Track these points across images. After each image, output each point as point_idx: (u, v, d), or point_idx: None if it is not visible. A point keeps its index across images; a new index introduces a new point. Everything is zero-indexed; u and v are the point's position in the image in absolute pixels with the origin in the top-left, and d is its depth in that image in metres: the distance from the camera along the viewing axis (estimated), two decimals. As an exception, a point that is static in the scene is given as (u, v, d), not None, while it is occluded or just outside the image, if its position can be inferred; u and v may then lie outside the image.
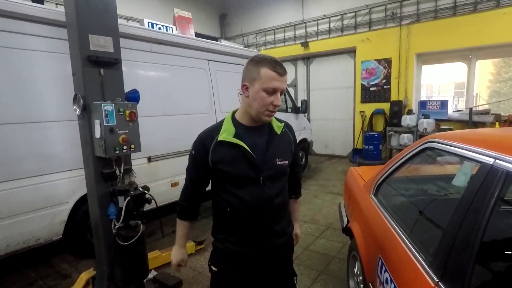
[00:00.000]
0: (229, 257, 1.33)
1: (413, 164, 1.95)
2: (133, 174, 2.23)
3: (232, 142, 1.22)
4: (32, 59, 2.66)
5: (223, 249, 1.34)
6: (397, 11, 7.15)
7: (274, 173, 1.29)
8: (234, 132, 1.24)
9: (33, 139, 2.67)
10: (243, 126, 1.28)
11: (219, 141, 1.23)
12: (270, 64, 1.17)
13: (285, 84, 1.21)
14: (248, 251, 1.31)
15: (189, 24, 4.86)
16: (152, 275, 2.73)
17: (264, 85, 1.17)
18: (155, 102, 3.56)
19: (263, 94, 1.18)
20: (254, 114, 1.23)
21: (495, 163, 1.06)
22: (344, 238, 3.23)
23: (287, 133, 1.39)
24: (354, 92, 8.14)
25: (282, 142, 1.35)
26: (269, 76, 1.16)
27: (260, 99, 1.19)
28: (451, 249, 1.07)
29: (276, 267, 1.39)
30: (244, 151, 1.23)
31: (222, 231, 1.35)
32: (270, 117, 1.25)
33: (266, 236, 1.31)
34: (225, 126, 1.27)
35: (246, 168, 1.23)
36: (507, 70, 10.87)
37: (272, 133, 1.32)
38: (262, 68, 1.17)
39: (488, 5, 6.11)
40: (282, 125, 1.36)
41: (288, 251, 1.48)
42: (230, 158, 1.23)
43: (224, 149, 1.23)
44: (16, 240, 2.62)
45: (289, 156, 1.36)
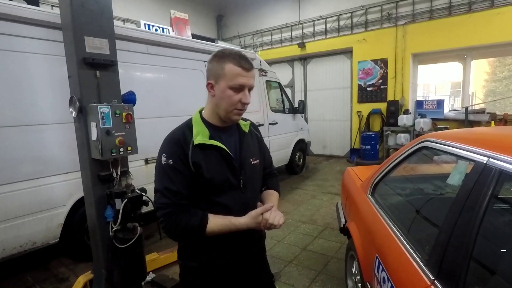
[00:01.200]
0: (209, 273, 1.20)
1: (409, 164, 1.96)
2: (130, 176, 2.22)
3: (211, 144, 1.12)
4: (27, 61, 2.65)
5: (199, 268, 1.20)
6: (392, 11, 7.20)
7: (251, 174, 1.22)
8: (209, 133, 1.14)
9: (29, 142, 2.65)
10: (213, 126, 1.18)
11: (195, 145, 1.11)
12: (235, 59, 1.08)
13: (252, 79, 1.12)
14: (230, 262, 1.21)
15: (185, 26, 4.86)
16: (150, 278, 2.72)
17: (230, 82, 1.08)
18: (152, 104, 3.55)
19: (229, 92, 1.09)
20: (222, 114, 1.14)
21: (488, 161, 1.07)
22: (342, 238, 3.24)
23: (253, 130, 1.33)
24: (351, 92, 8.17)
25: (251, 141, 1.29)
26: (235, 72, 1.07)
27: (227, 98, 1.09)
28: (446, 247, 1.07)
29: (255, 273, 1.33)
30: (224, 154, 1.14)
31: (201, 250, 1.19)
32: (240, 116, 1.16)
33: (247, 244, 1.24)
34: (197, 127, 1.14)
35: (226, 171, 1.15)
36: (502, 69, 10.95)
37: (241, 132, 1.25)
38: (226, 64, 1.08)
39: (482, 5, 6.16)
40: (247, 123, 1.29)
41: (264, 254, 1.42)
42: (212, 162, 1.12)
43: (203, 153, 1.11)
44: (13, 244, 2.61)
45: (259, 155, 1.30)
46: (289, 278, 2.81)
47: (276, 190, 1.40)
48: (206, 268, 1.20)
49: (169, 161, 1.10)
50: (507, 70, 10.58)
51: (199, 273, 1.21)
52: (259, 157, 1.30)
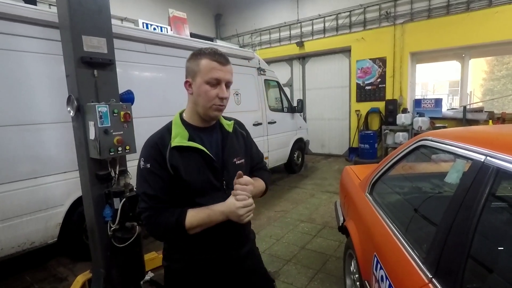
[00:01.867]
0: (193, 276, 1.18)
1: (407, 162, 1.96)
2: (129, 176, 2.22)
3: (189, 146, 1.10)
4: (25, 60, 2.64)
5: (184, 268, 1.18)
6: (391, 10, 7.20)
7: (235, 174, 1.15)
8: (188, 135, 1.13)
9: (27, 141, 2.64)
10: (194, 127, 1.17)
11: (173, 147, 1.09)
12: (210, 55, 1.09)
13: (229, 74, 1.11)
14: (217, 263, 1.19)
15: (184, 25, 4.85)
16: (149, 277, 2.72)
17: (206, 77, 1.08)
18: (150, 103, 3.54)
19: (206, 87, 1.08)
20: (202, 111, 1.13)
21: (486, 160, 1.07)
22: (341, 237, 3.25)
23: (238, 129, 1.30)
24: (349, 91, 8.18)
25: (236, 140, 1.26)
26: (210, 66, 1.08)
27: (204, 93, 1.09)
28: (444, 245, 1.08)
29: (249, 277, 1.29)
30: (203, 155, 1.12)
31: (184, 249, 1.18)
32: (219, 111, 1.14)
33: (231, 246, 1.21)
34: (176, 129, 1.13)
35: (207, 173, 1.13)
36: (500, 68, 10.99)
37: (224, 132, 1.22)
38: (201, 60, 1.09)
39: (480, 4, 6.17)
40: (231, 122, 1.27)
41: (258, 260, 1.38)
42: (189, 165, 1.10)
43: (181, 156, 1.10)
44: (11, 244, 2.60)
45: (244, 154, 1.28)
46: (288, 277, 2.82)
47: (262, 180, 1.33)
48: (190, 269, 1.19)
49: (147, 165, 1.09)
50: (505, 69, 10.61)
51: (183, 275, 1.19)
52: (244, 156, 1.27)
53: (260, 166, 1.40)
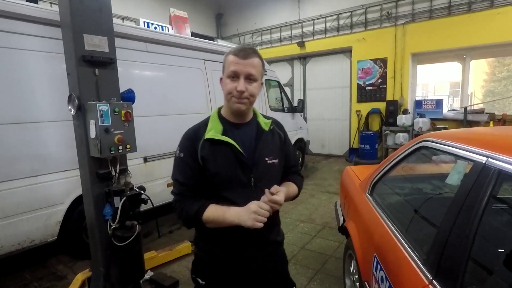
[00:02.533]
0: (217, 268, 1.23)
1: (408, 163, 1.96)
2: (129, 174, 2.22)
3: (221, 139, 1.14)
4: (26, 59, 2.64)
5: (209, 259, 1.23)
6: (392, 11, 7.19)
7: (265, 173, 1.19)
8: (222, 129, 1.17)
9: (27, 139, 2.64)
10: (229, 122, 1.20)
11: (206, 139, 1.14)
12: (234, 51, 1.14)
13: (249, 67, 1.11)
14: (237, 261, 1.21)
15: (185, 24, 4.85)
16: (149, 276, 2.73)
17: (226, 71, 1.14)
18: (151, 102, 3.54)
19: (227, 80, 1.14)
20: (229, 106, 1.17)
21: (487, 161, 1.07)
22: (341, 237, 3.25)
23: (276, 129, 1.30)
24: (350, 91, 8.18)
25: (271, 139, 1.26)
26: (230, 61, 1.13)
27: (225, 86, 1.15)
28: (445, 247, 1.08)
29: (271, 278, 1.29)
30: (234, 149, 1.14)
31: (208, 240, 1.23)
32: (240, 104, 1.14)
33: (255, 244, 1.21)
34: (212, 123, 1.18)
35: (236, 168, 1.15)
36: (502, 69, 10.97)
37: (259, 130, 1.23)
38: (227, 56, 1.15)
39: (482, 5, 6.16)
40: (269, 121, 1.28)
41: (281, 262, 1.37)
42: (218, 158, 1.14)
43: (212, 148, 1.14)
44: (11, 242, 2.60)
45: (279, 154, 1.27)
46: (288, 277, 2.82)
47: (298, 187, 1.36)
48: (214, 261, 1.23)
49: (180, 154, 1.18)
50: (506, 70, 10.61)
51: (208, 265, 1.24)
52: (279, 157, 1.26)
53: (295, 170, 1.41)
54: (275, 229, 1.32)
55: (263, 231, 1.17)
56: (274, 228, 1.31)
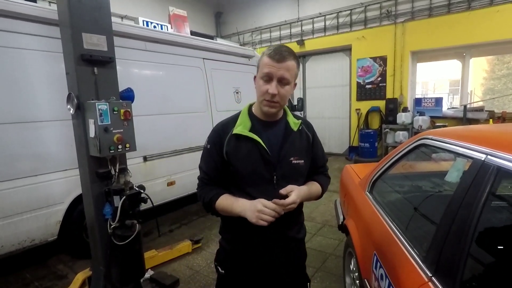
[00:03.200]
0: (237, 259, 1.27)
1: (408, 161, 1.96)
2: (129, 174, 2.22)
3: (248, 136, 1.17)
4: (25, 58, 2.64)
5: (230, 250, 1.29)
6: (392, 9, 7.18)
7: (289, 172, 1.21)
8: (250, 125, 1.20)
9: (27, 139, 2.64)
10: (259, 120, 1.23)
11: (233, 134, 1.18)
12: (269, 52, 1.14)
13: (283, 71, 1.12)
14: (255, 254, 1.24)
15: (184, 23, 4.83)
16: (149, 275, 2.73)
17: (260, 73, 1.15)
18: (150, 101, 3.54)
19: (260, 82, 1.15)
20: (259, 105, 1.21)
21: (486, 159, 1.07)
22: (341, 235, 3.25)
23: (304, 130, 1.30)
24: (350, 90, 8.17)
25: (299, 140, 1.26)
26: (264, 62, 1.14)
27: (258, 88, 1.17)
28: (444, 244, 1.08)
29: (287, 272, 1.31)
30: (259, 146, 1.17)
31: (230, 231, 1.29)
32: (271, 108, 1.16)
33: (276, 240, 1.24)
34: (241, 119, 1.22)
35: (260, 165, 1.17)
36: (501, 67, 10.96)
37: (288, 130, 1.24)
38: (263, 57, 1.16)
39: (481, 2, 6.15)
40: (299, 122, 1.28)
41: (300, 257, 1.40)
42: (244, 153, 1.17)
43: (238, 143, 1.18)
44: (11, 241, 2.61)
45: (305, 155, 1.27)
46: (288, 275, 2.82)
47: (323, 187, 1.40)
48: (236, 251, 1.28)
49: (208, 145, 1.24)
50: (506, 68, 10.59)
51: (231, 254, 1.29)
52: (305, 158, 1.27)
53: (322, 170, 1.43)
54: (297, 227, 1.35)
55: (282, 228, 1.23)
56: (295, 225, 1.34)
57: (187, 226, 3.98)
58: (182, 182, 3.93)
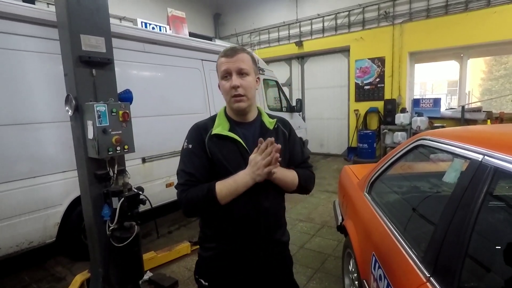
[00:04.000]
0: (220, 268, 1.24)
1: (406, 162, 1.97)
2: (127, 175, 2.22)
3: (228, 135, 1.17)
4: (23, 59, 2.63)
5: (213, 259, 1.25)
6: (390, 10, 7.21)
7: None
8: (229, 126, 1.21)
9: (25, 140, 2.64)
10: (235, 121, 1.24)
11: (213, 134, 1.18)
12: (222, 53, 1.18)
13: (239, 62, 1.14)
14: (241, 261, 1.22)
15: (183, 24, 4.84)
16: (148, 276, 2.73)
17: (219, 73, 1.19)
18: (149, 102, 3.54)
19: (222, 82, 1.18)
20: (229, 107, 1.22)
21: (484, 159, 1.08)
22: (339, 236, 3.25)
23: (280, 128, 1.30)
24: (348, 90, 8.19)
25: (275, 138, 1.21)
26: (220, 62, 1.18)
27: (222, 88, 1.19)
28: (442, 244, 1.08)
29: (273, 278, 1.29)
30: (239, 145, 1.18)
31: (212, 239, 1.25)
32: (239, 102, 1.17)
33: (259, 243, 1.22)
34: (219, 120, 1.23)
35: (241, 164, 1.15)
36: (499, 68, 11.00)
37: (263, 129, 1.25)
38: (218, 60, 1.20)
39: (479, 4, 6.18)
40: (274, 120, 1.29)
41: (285, 262, 1.38)
42: (225, 152, 1.17)
43: (218, 143, 1.18)
44: (9, 243, 2.59)
45: (281, 152, 1.20)
46: (287, 276, 2.82)
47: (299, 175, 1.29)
48: (218, 259, 1.24)
49: (189, 145, 1.20)
50: (503, 68, 10.63)
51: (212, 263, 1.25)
52: (282, 155, 1.21)
53: (304, 165, 1.37)
54: (280, 230, 1.33)
55: (266, 230, 1.22)
56: (279, 228, 1.32)
57: (186, 227, 3.98)
58: (181, 184, 3.91)
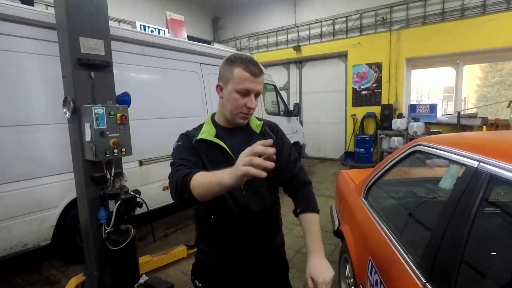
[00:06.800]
0: (214, 270, 1.24)
1: (402, 167, 1.98)
2: (124, 178, 2.21)
3: (212, 141, 1.16)
4: (21, 61, 2.62)
5: (206, 262, 1.25)
6: (387, 16, 7.28)
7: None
8: (215, 132, 1.19)
9: (22, 142, 2.62)
10: (222, 127, 1.22)
11: (199, 139, 1.16)
12: (245, 64, 1.09)
13: (260, 86, 1.13)
14: (235, 264, 1.22)
15: (181, 27, 4.86)
16: (143, 280, 2.70)
17: (237, 86, 1.10)
18: (146, 105, 3.54)
19: (236, 95, 1.11)
20: (228, 116, 1.17)
21: (479, 166, 1.09)
22: (336, 241, 3.25)
23: (267, 131, 1.28)
24: (345, 95, 8.23)
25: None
26: (242, 76, 1.09)
27: (233, 101, 1.12)
28: (438, 250, 1.09)
29: (267, 281, 1.29)
30: (224, 152, 1.16)
31: (205, 242, 1.26)
32: (245, 119, 1.18)
33: (254, 246, 1.22)
34: (205, 127, 1.21)
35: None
36: (494, 75, 11.14)
37: (250, 132, 1.23)
38: (235, 68, 1.10)
39: (474, 11, 6.27)
40: (260, 123, 1.27)
41: (280, 265, 1.36)
42: (211, 157, 1.16)
43: (204, 148, 1.16)
44: (3, 246, 2.57)
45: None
46: (283, 281, 2.81)
47: (313, 210, 1.25)
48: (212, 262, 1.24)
49: (178, 143, 1.19)
50: (499, 75, 10.77)
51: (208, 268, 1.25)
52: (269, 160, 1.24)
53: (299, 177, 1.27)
54: (275, 232, 1.34)
55: (259, 233, 1.21)
56: (274, 231, 1.33)
57: (182, 231, 3.96)
58: (177, 187, 3.91)
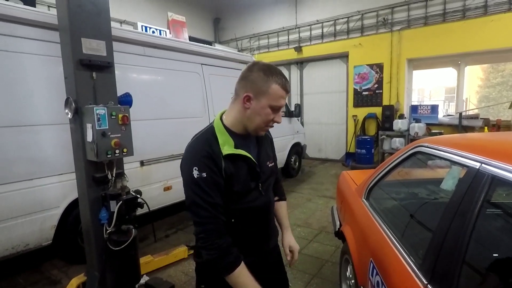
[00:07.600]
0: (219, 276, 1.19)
1: (404, 168, 1.98)
2: (125, 178, 2.22)
3: (239, 154, 1.12)
4: (23, 61, 2.63)
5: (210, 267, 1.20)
6: (388, 17, 7.28)
7: (267, 176, 1.26)
8: (234, 143, 1.13)
9: (23, 142, 2.63)
10: (236, 134, 1.17)
11: (225, 156, 1.10)
12: (281, 81, 1.09)
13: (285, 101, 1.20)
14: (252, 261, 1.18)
15: (183, 28, 4.86)
16: (144, 280, 2.70)
17: (272, 102, 1.09)
18: (148, 105, 3.54)
19: (268, 110, 1.10)
20: (252, 127, 1.14)
21: (481, 167, 1.08)
22: (337, 242, 3.25)
23: (267, 133, 1.36)
24: (346, 96, 8.23)
25: (267, 144, 1.33)
26: (279, 94, 1.09)
27: (265, 115, 1.11)
28: (440, 251, 1.09)
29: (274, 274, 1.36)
30: (249, 162, 1.16)
31: None
32: (265, 132, 1.21)
33: (267, 242, 1.30)
34: (222, 137, 1.13)
35: (250, 179, 1.18)
36: (496, 75, 11.11)
37: (258, 137, 1.26)
38: (272, 83, 1.07)
39: (476, 12, 6.26)
40: None
41: (280, 256, 1.46)
42: (239, 173, 1.13)
43: (233, 164, 1.12)
44: (5, 246, 2.57)
45: (272, 156, 1.35)
46: (284, 282, 2.81)
47: (285, 198, 1.53)
48: None
49: (202, 174, 1.06)
50: (500, 76, 10.74)
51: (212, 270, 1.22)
52: (273, 159, 1.33)
53: (278, 175, 1.45)
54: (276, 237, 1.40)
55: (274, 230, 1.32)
56: (276, 236, 1.39)
57: (183, 231, 3.96)
58: (178, 187, 3.88)
